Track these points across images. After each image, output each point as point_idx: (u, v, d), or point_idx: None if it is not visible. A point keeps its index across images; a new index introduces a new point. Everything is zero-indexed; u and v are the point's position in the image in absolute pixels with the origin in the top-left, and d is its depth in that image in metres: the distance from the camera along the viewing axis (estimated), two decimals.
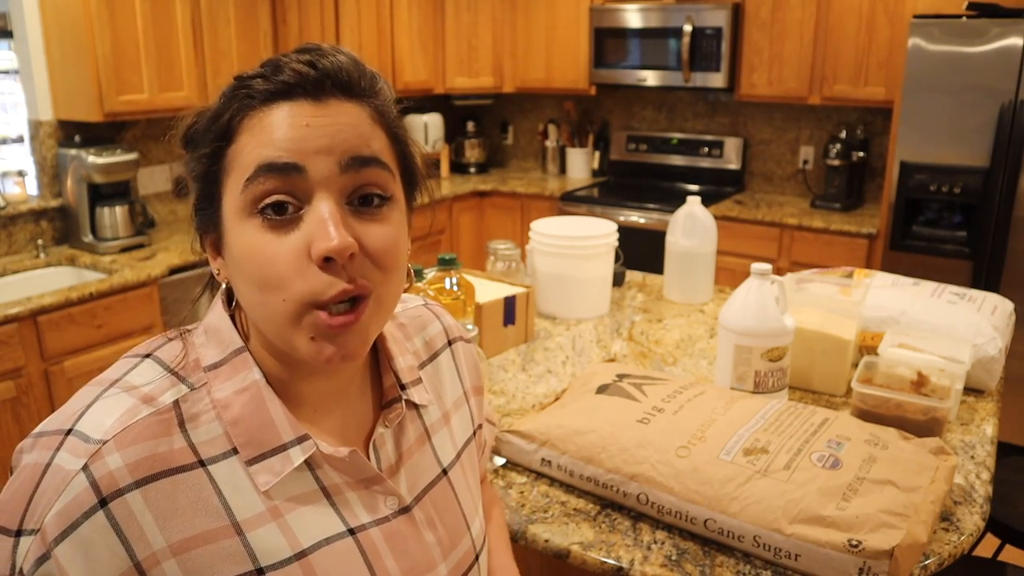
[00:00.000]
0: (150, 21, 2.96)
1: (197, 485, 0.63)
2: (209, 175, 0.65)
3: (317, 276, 0.61)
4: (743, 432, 1.19)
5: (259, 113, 0.63)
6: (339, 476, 0.69)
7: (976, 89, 2.97)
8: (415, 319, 0.86)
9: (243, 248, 0.63)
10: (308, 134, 0.62)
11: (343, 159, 0.63)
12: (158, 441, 0.62)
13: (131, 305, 2.71)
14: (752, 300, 1.46)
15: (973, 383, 1.60)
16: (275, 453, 0.65)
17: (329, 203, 0.62)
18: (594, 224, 2.11)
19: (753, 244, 3.65)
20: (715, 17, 3.75)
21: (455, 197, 4.26)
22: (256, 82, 0.63)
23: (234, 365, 0.67)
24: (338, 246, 0.60)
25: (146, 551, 0.60)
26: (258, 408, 0.66)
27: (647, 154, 4.42)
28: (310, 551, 0.66)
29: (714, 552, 1.11)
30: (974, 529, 1.16)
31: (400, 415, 0.76)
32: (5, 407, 2.45)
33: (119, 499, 0.59)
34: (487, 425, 1.00)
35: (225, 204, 0.65)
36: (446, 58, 4.39)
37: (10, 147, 3.86)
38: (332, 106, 0.64)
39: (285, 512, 0.66)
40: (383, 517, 0.71)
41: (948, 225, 3.21)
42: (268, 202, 0.62)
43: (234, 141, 0.64)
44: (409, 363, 0.80)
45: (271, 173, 0.61)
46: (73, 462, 0.59)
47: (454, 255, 1.76)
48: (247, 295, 0.65)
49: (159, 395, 0.64)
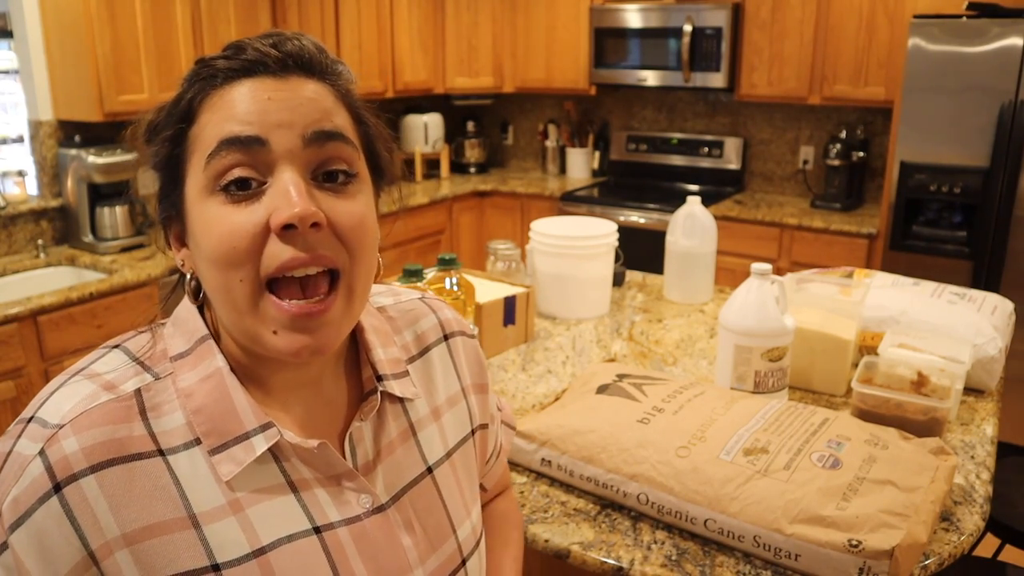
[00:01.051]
0: (150, 21, 2.96)
1: (155, 474, 0.61)
2: (171, 159, 0.65)
3: (273, 246, 0.60)
4: (743, 432, 1.19)
5: (220, 91, 0.62)
6: (308, 470, 0.67)
7: (976, 89, 2.97)
8: (407, 312, 0.83)
9: (204, 227, 0.62)
10: (270, 107, 0.61)
11: (306, 132, 0.62)
12: (116, 427, 0.61)
13: (131, 305, 2.72)
14: (752, 300, 1.46)
15: (973, 383, 1.60)
16: (238, 442, 0.63)
17: (292, 173, 0.61)
18: (594, 224, 2.11)
19: (753, 244, 3.65)
20: (715, 17, 3.75)
21: (455, 197, 4.26)
22: (218, 62, 0.63)
23: (199, 354, 0.66)
24: (300, 212, 0.59)
25: (99, 540, 0.59)
26: (221, 396, 0.64)
27: (647, 154, 4.42)
28: (269, 548, 0.63)
29: (714, 552, 1.11)
30: (974, 529, 1.16)
31: (375, 407, 0.73)
32: (5, 407, 2.45)
33: (73, 484, 0.58)
34: (504, 428, 0.96)
35: (188, 186, 0.64)
36: (446, 58, 4.39)
37: (10, 147, 3.87)
38: (293, 82, 0.63)
39: (247, 506, 0.63)
40: (354, 516, 0.68)
41: (948, 225, 3.21)
42: (230, 178, 0.61)
43: (195, 121, 0.63)
44: (393, 355, 0.77)
45: (233, 147, 0.60)
46: (31, 447, 0.59)
47: (454, 255, 1.76)
48: (209, 279, 0.63)
49: (121, 383, 0.63)
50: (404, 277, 1.68)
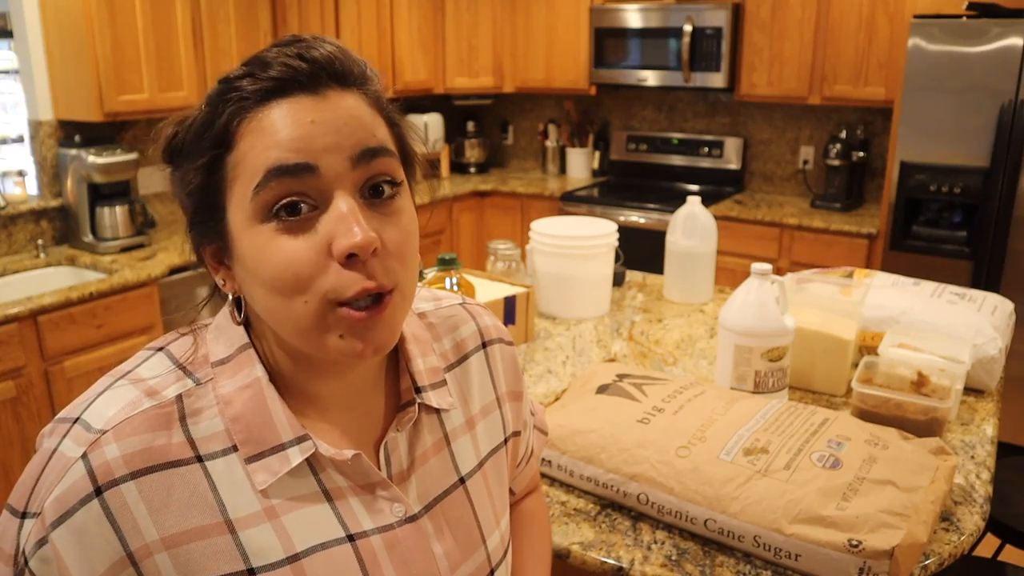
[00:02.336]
0: (150, 21, 2.96)
1: (192, 480, 0.62)
2: (208, 186, 0.63)
3: (339, 274, 0.60)
4: (743, 432, 1.19)
5: (257, 115, 0.61)
6: (343, 479, 0.68)
7: (976, 89, 2.97)
8: (447, 319, 0.83)
9: (258, 254, 0.61)
10: (314, 131, 0.60)
11: (354, 153, 0.61)
12: (156, 434, 0.62)
13: (131, 305, 2.72)
14: (752, 300, 1.46)
15: (973, 383, 1.60)
16: (273, 452, 0.65)
17: (347, 199, 0.61)
18: (594, 224, 2.11)
19: (753, 244, 3.65)
20: (715, 17, 3.75)
21: (455, 197, 4.26)
22: (245, 82, 0.61)
23: (239, 362, 0.67)
24: (362, 242, 0.59)
25: (139, 542, 0.60)
26: (259, 406, 0.65)
27: (647, 154, 4.42)
28: (303, 555, 0.65)
29: (714, 552, 1.11)
30: (974, 529, 1.16)
31: (412, 419, 0.73)
32: (5, 407, 2.45)
33: (114, 489, 0.59)
34: (536, 433, 0.96)
35: (231, 214, 0.62)
36: (446, 58, 4.39)
37: (10, 147, 3.87)
38: (332, 99, 0.62)
39: (282, 513, 0.65)
40: (387, 525, 0.69)
41: (948, 225, 3.21)
42: (284, 203, 0.60)
43: (234, 147, 0.61)
44: (432, 364, 0.77)
45: (283, 176, 0.59)
46: (75, 449, 0.60)
47: (454, 255, 1.76)
48: (265, 303, 0.63)
49: (163, 388, 0.64)
50: None
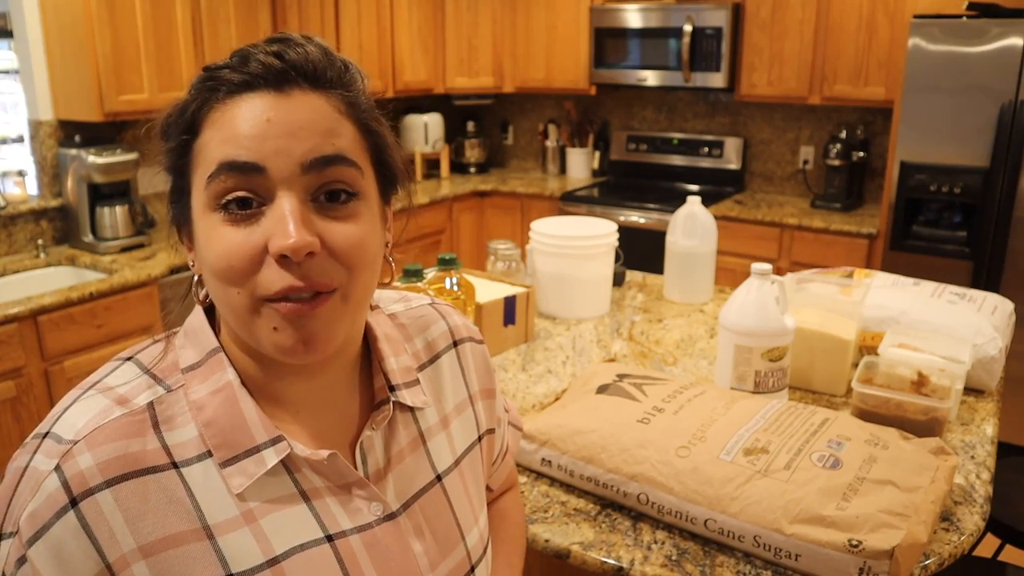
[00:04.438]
0: (150, 21, 2.96)
1: (169, 487, 0.62)
2: (178, 168, 0.66)
3: (269, 271, 0.61)
4: (743, 432, 1.19)
5: (223, 106, 0.62)
6: (319, 480, 0.68)
7: (976, 89, 2.97)
8: (417, 319, 0.83)
9: (206, 241, 0.63)
10: (268, 131, 0.61)
11: (305, 160, 0.61)
12: (130, 441, 0.61)
13: (131, 305, 2.71)
14: (752, 300, 1.46)
15: (973, 383, 1.60)
16: (248, 455, 0.64)
17: (291, 200, 0.61)
18: (594, 224, 2.11)
19: (753, 244, 3.65)
20: (715, 17, 3.75)
21: (455, 197, 4.26)
22: (223, 73, 0.63)
23: (210, 366, 0.66)
24: (294, 244, 0.59)
25: (116, 553, 0.59)
26: (231, 409, 0.65)
27: (647, 154, 4.42)
28: (283, 557, 0.64)
29: (714, 552, 1.11)
30: (974, 529, 1.16)
31: (387, 417, 0.73)
32: (5, 407, 2.45)
33: (89, 499, 0.59)
34: (511, 429, 0.96)
35: (193, 197, 0.65)
36: (446, 58, 4.39)
37: (10, 147, 3.87)
38: (295, 99, 0.62)
39: (260, 516, 0.64)
40: (365, 524, 0.69)
41: (948, 225, 3.21)
42: (230, 197, 0.61)
43: (199, 135, 0.63)
44: (405, 364, 0.77)
45: (231, 172, 0.61)
46: (47, 463, 0.60)
47: (454, 255, 1.76)
48: (210, 287, 0.65)
49: (134, 396, 0.64)
50: (404, 277, 1.68)
